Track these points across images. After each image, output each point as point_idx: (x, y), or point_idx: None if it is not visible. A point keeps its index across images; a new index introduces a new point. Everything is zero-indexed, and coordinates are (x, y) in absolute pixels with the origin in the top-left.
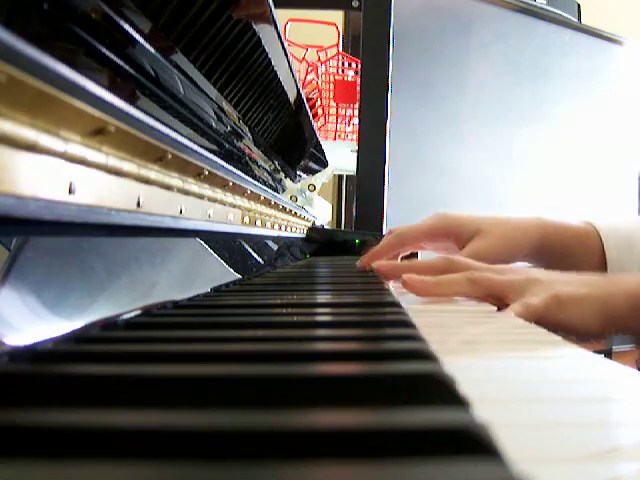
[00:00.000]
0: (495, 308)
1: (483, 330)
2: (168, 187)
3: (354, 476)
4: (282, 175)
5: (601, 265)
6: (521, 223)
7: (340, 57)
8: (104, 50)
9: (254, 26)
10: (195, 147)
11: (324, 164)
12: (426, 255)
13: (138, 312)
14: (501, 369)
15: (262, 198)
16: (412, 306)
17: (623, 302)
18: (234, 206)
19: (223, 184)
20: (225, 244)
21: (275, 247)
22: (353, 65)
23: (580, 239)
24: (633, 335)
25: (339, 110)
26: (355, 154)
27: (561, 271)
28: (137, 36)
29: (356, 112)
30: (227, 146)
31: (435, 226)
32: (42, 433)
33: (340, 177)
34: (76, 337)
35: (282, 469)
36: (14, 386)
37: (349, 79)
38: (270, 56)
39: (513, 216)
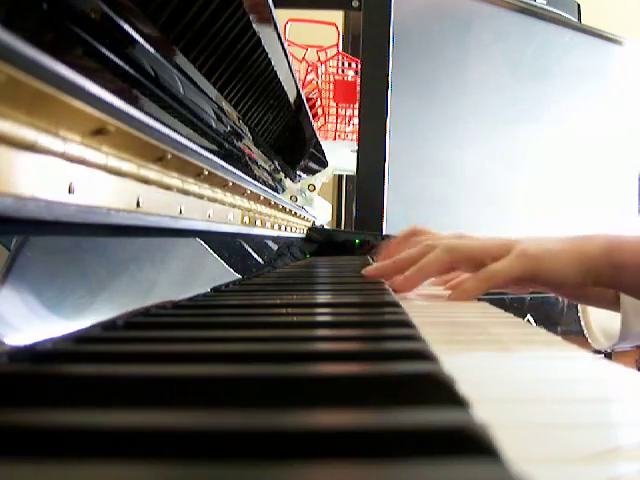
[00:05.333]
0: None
1: None
2: (168, 187)
3: (354, 476)
4: (282, 175)
5: None
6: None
7: (340, 57)
8: (104, 50)
9: (254, 26)
10: (195, 147)
11: (324, 164)
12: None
13: (138, 312)
14: (499, 369)
15: (262, 198)
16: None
17: (597, 253)
18: (234, 206)
19: (223, 184)
20: (225, 244)
21: (275, 247)
22: (353, 65)
23: None
24: (607, 287)
25: (339, 110)
26: (355, 154)
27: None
28: (137, 36)
29: (356, 112)
30: (227, 146)
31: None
32: (42, 433)
33: (340, 177)
34: (76, 337)
35: (282, 469)
36: (14, 386)
37: (349, 79)
38: (270, 56)
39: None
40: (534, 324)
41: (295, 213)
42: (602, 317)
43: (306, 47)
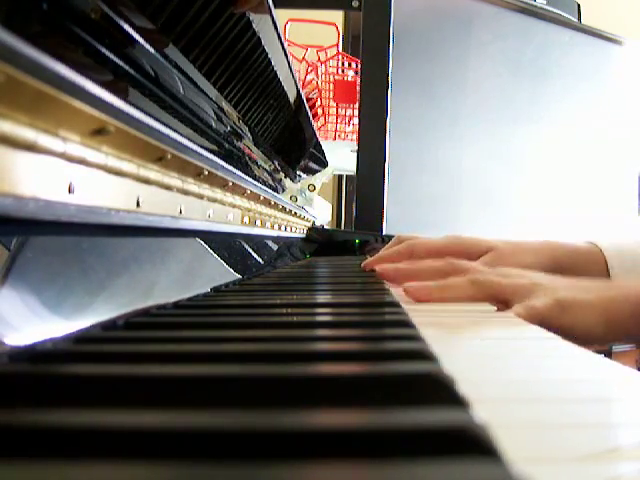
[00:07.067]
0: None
1: None
2: (168, 187)
3: (354, 476)
4: (282, 175)
5: None
6: (532, 245)
7: (340, 57)
8: (104, 50)
9: (254, 26)
10: (195, 147)
11: (324, 164)
12: None
13: (138, 312)
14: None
15: (262, 198)
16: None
17: (625, 308)
18: (234, 206)
19: (223, 184)
20: (225, 244)
21: (275, 247)
22: (353, 65)
23: (587, 262)
24: (634, 343)
25: (339, 110)
26: (355, 154)
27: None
28: (137, 36)
29: (356, 112)
30: (227, 146)
31: (449, 244)
32: (42, 433)
33: (340, 177)
34: (76, 337)
35: (282, 469)
36: (14, 386)
37: (349, 79)
38: (270, 56)
39: (523, 239)
40: None
41: (295, 213)
42: None
43: (306, 47)
